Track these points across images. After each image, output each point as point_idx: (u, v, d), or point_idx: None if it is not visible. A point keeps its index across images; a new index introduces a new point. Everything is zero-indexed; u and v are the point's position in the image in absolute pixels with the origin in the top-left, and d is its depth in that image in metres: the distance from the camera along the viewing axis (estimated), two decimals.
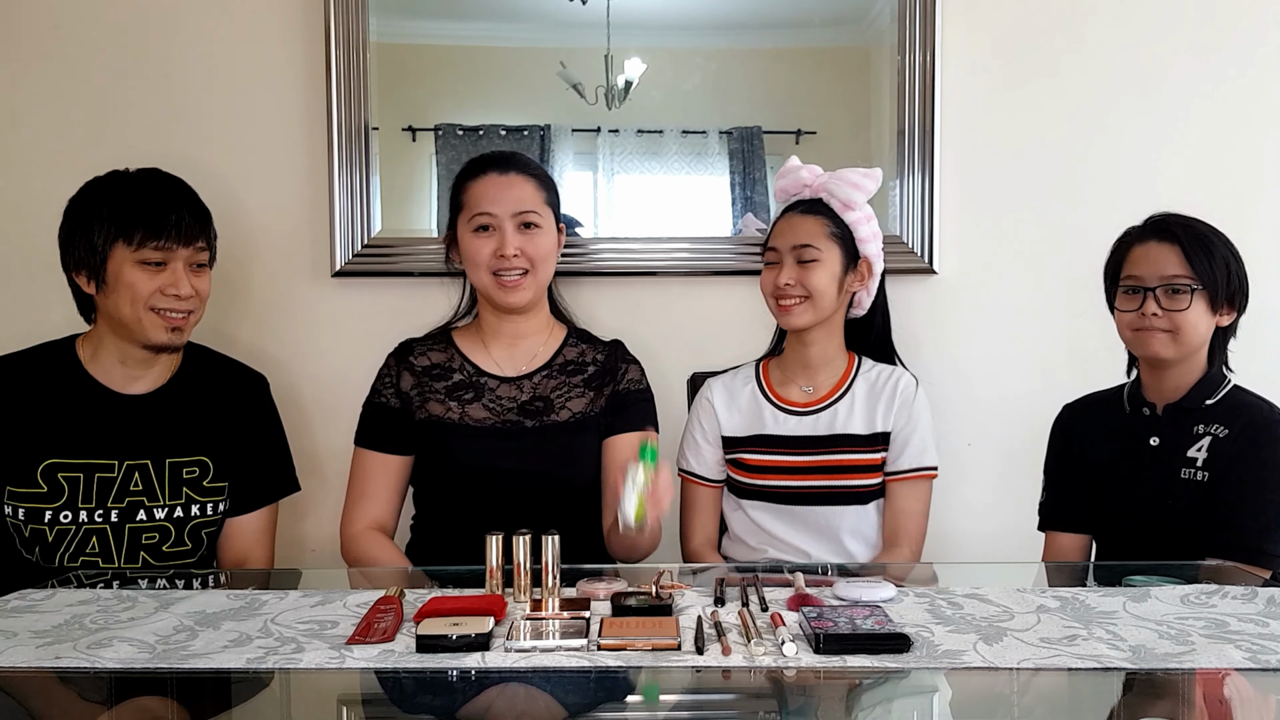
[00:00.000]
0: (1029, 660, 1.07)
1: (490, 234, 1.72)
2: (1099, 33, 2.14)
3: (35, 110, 2.09)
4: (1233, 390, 1.66)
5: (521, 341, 1.81)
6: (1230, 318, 1.65)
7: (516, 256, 1.71)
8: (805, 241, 1.75)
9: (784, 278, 1.75)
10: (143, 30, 2.10)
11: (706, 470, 1.85)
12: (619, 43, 2.11)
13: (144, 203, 1.63)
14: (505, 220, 1.72)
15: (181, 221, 1.63)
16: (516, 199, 1.72)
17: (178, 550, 1.70)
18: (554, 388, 1.77)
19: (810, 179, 1.80)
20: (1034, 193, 2.16)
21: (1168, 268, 1.61)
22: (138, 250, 1.61)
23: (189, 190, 1.70)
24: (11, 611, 1.28)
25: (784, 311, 1.77)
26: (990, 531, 2.16)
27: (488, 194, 1.73)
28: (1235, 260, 1.63)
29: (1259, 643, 1.11)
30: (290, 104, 2.12)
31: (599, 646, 1.10)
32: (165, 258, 1.63)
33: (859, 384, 1.81)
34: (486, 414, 1.74)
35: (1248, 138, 2.15)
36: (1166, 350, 1.63)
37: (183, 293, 1.64)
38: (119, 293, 1.62)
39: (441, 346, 1.82)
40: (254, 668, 1.07)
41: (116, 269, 1.62)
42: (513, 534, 1.31)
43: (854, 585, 1.31)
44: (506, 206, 1.72)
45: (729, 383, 1.87)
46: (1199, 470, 1.61)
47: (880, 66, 2.14)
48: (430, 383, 1.77)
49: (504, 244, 1.71)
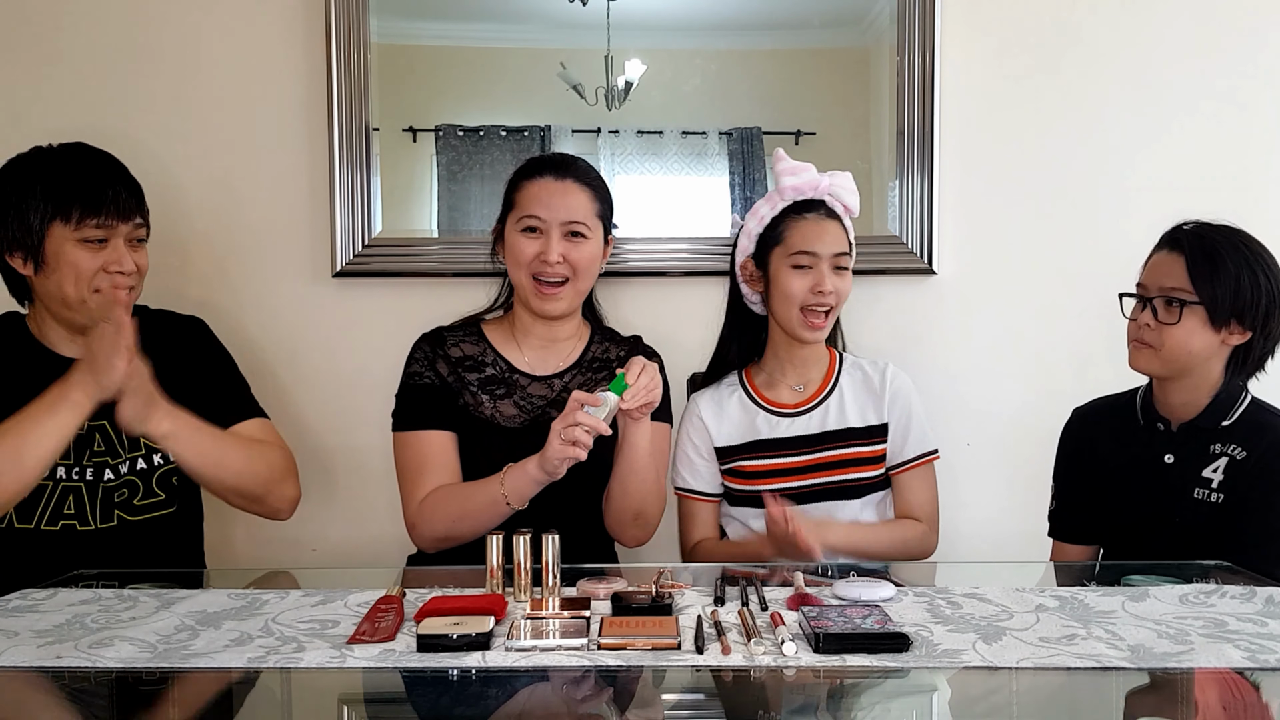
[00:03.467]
0: (1028, 660, 1.07)
1: (536, 236, 1.71)
2: (1098, 32, 2.15)
3: (35, 110, 2.09)
4: (1251, 407, 1.60)
5: (554, 344, 1.81)
6: (1242, 336, 1.56)
7: (560, 263, 1.71)
8: (843, 249, 1.76)
9: (827, 284, 1.73)
10: (142, 30, 2.10)
11: (703, 485, 1.85)
12: (619, 44, 2.11)
13: (79, 179, 1.59)
14: (553, 227, 1.70)
15: (119, 197, 1.60)
16: (568, 207, 1.71)
17: (150, 502, 1.69)
18: (581, 385, 1.77)
19: (820, 180, 1.79)
20: (1033, 193, 2.16)
21: (1168, 279, 1.57)
22: (78, 229, 1.58)
23: (120, 164, 1.66)
24: (13, 611, 1.28)
25: (812, 326, 1.75)
26: (990, 531, 2.17)
27: (540, 197, 1.72)
28: (1255, 275, 1.53)
29: (1257, 642, 1.12)
30: (291, 104, 2.12)
31: (599, 646, 1.11)
32: (106, 235, 1.60)
33: (844, 379, 1.82)
34: (516, 411, 1.74)
35: (1248, 137, 2.15)
36: (1149, 365, 1.59)
37: (126, 268, 1.61)
38: (61, 272, 1.60)
39: (474, 339, 1.80)
40: (255, 667, 1.08)
41: (56, 249, 1.59)
42: (513, 534, 1.31)
43: (853, 585, 1.31)
44: (556, 213, 1.71)
45: (714, 394, 1.87)
46: (1213, 491, 1.57)
47: (880, 67, 2.15)
48: (464, 374, 1.76)
49: (549, 249, 1.70)
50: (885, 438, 1.79)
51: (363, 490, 2.14)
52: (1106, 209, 2.15)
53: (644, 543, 1.76)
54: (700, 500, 1.86)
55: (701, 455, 1.85)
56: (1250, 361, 1.60)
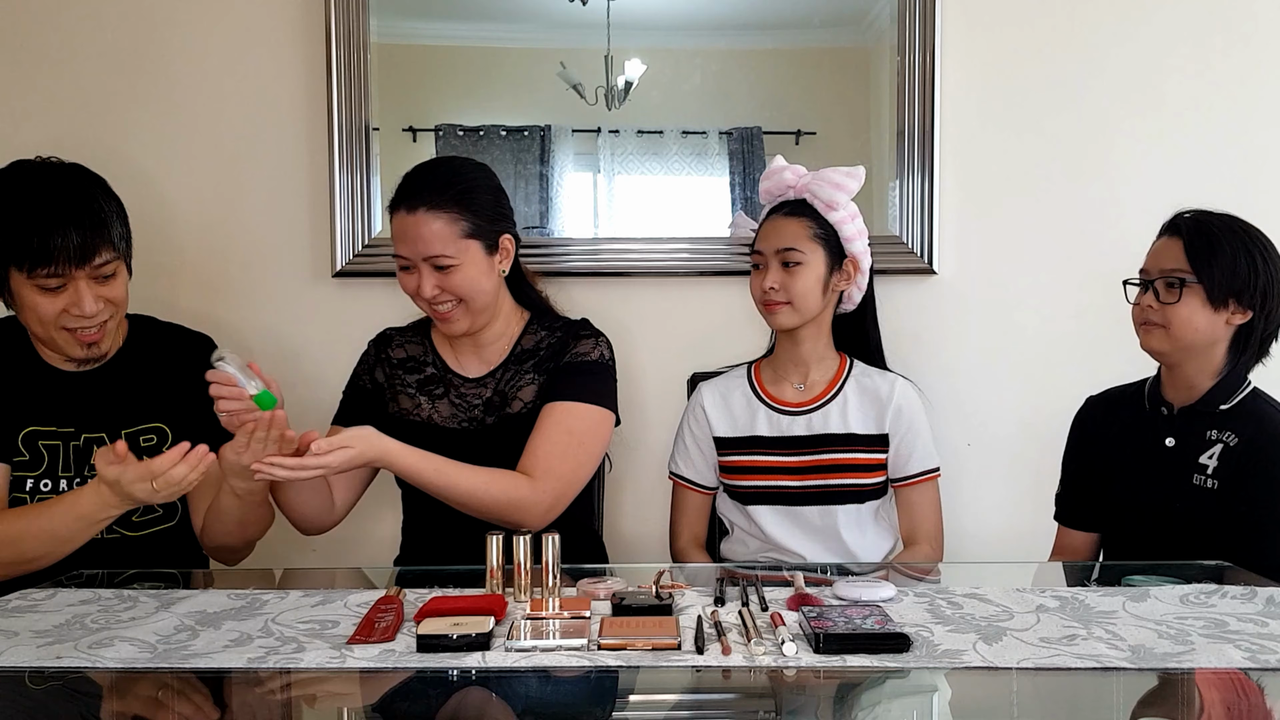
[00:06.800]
0: (1028, 660, 1.07)
1: (411, 272, 1.63)
2: (1098, 32, 2.14)
3: (35, 110, 2.09)
4: (1250, 395, 1.62)
5: (482, 348, 1.76)
6: (1242, 316, 1.59)
7: (438, 293, 1.63)
8: (789, 245, 1.74)
9: (768, 281, 1.74)
10: (143, 31, 2.10)
11: (696, 475, 1.86)
12: (619, 43, 2.11)
13: (29, 227, 1.51)
14: (418, 262, 1.62)
15: (69, 245, 1.51)
16: (425, 241, 1.60)
17: (149, 519, 1.69)
18: (508, 379, 1.73)
19: (794, 180, 1.78)
20: (1034, 193, 2.16)
21: (1167, 261, 1.60)
22: (31, 277, 1.52)
23: (83, 195, 1.56)
24: (12, 611, 1.28)
25: (770, 312, 1.77)
26: (990, 531, 2.17)
27: (401, 234, 1.62)
28: (1252, 256, 1.57)
29: (1258, 642, 1.11)
30: (291, 104, 2.12)
31: (599, 646, 1.11)
32: (62, 282, 1.54)
33: (851, 385, 1.82)
34: (453, 410, 1.72)
35: (1248, 136, 2.15)
36: (1160, 344, 1.61)
37: (87, 311, 1.55)
38: (25, 313, 1.58)
39: (418, 340, 1.79)
40: (255, 667, 1.08)
41: (18, 290, 1.55)
42: (512, 534, 1.31)
43: (854, 585, 1.31)
44: (416, 249, 1.61)
45: (721, 385, 1.87)
46: (1209, 478, 1.59)
47: (880, 67, 2.15)
48: (403, 375, 1.75)
49: (422, 284, 1.62)
50: (886, 448, 1.79)
51: None
52: (1107, 209, 2.15)
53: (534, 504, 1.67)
54: (691, 489, 1.86)
55: (699, 444, 1.85)
56: (1253, 342, 1.61)
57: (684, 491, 1.87)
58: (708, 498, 1.88)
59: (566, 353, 1.72)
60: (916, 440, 1.79)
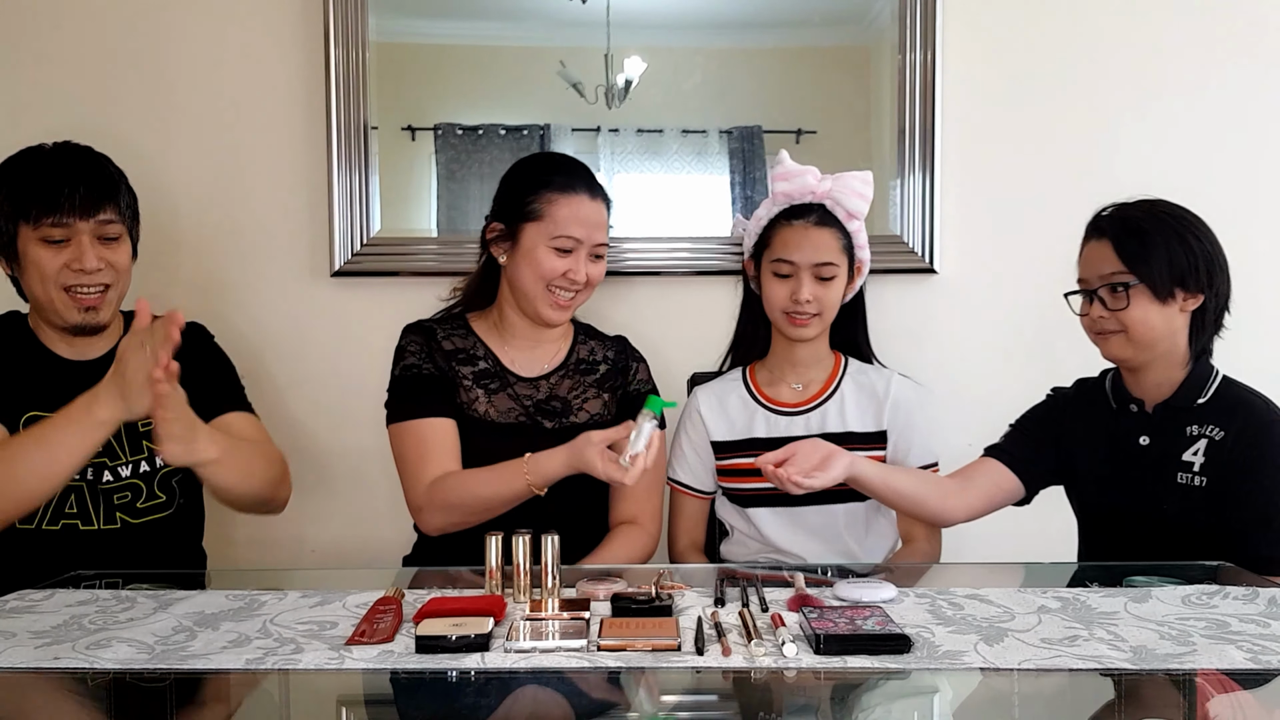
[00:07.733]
0: (1030, 661, 1.07)
1: (566, 255, 1.69)
2: (1099, 31, 2.14)
3: (35, 110, 2.09)
4: (1223, 385, 1.58)
5: (541, 346, 1.79)
6: (1194, 301, 1.54)
7: (586, 281, 1.72)
8: (827, 259, 1.73)
9: (804, 294, 1.72)
10: (142, 30, 2.10)
11: (693, 480, 1.85)
12: (619, 42, 2.11)
13: (40, 179, 1.59)
14: (585, 247, 1.70)
15: (76, 194, 1.58)
16: (602, 228, 1.72)
17: (152, 504, 1.69)
18: (570, 388, 1.76)
19: (816, 185, 1.77)
20: (1034, 192, 2.16)
21: (1104, 266, 1.56)
22: (37, 228, 1.58)
23: (94, 161, 1.64)
24: (10, 612, 1.28)
25: (798, 325, 1.75)
26: (991, 531, 2.15)
27: (578, 218, 1.69)
28: (1184, 240, 1.52)
29: (1260, 643, 1.11)
30: (290, 103, 2.11)
31: (599, 647, 1.10)
32: (67, 234, 1.59)
33: (847, 383, 1.81)
34: (509, 406, 1.73)
35: (1248, 135, 2.15)
36: (1123, 351, 1.58)
37: (88, 266, 1.59)
38: (29, 272, 1.61)
39: (462, 333, 1.78)
40: (253, 668, 1.07)
41: (24, 248, 1.60)
42: (512, 534, 1.31)
43: (854, 586, 1.31)
44: (592, 235, 1.70)
45: (716, 389, 1.87)
46: (1196, 475, 1.55)
47: (880, 66, 2.14)
48: (457, 367, 1.74)
49: (577, 268, 1.69)
50: (884, 444, 1.79)
51: (361, 490, 2.13)
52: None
53: (651, 551, 1.76)
54: (689, 494, 1.86)
55: (696, 450, 1.84)
56: (1208, 323, 1.57)
57: (681, 497, 1.86)
58: (705, 503, 1.87)
59: (630, 376, 1.81)
60: (914, 435, 1.79)
